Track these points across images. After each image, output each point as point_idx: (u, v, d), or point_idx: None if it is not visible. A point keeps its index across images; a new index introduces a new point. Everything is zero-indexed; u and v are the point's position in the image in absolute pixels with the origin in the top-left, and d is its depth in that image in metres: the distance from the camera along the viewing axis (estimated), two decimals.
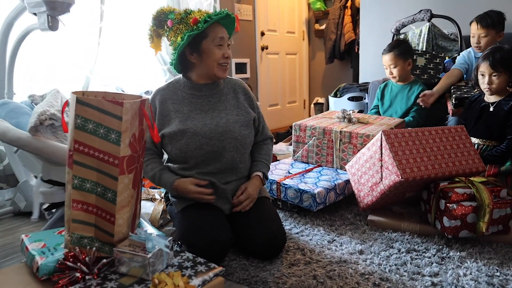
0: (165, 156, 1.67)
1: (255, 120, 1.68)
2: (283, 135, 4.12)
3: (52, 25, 1.72)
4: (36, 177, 1.96)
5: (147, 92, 2.96)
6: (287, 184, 1.92)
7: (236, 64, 4.09)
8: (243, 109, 1.63)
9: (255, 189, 1.60)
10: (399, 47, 2.50)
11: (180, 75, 1.65)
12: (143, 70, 3.22)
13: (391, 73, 2.53)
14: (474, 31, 2.47)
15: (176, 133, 1.54)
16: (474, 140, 2.02)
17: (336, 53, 4.50)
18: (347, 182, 2.00)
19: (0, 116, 1.82)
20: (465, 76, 2.58)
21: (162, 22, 1.58)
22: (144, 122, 1.30)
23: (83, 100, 1.18)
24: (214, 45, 1.53)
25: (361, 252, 1.57)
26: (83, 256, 1.17)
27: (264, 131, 1.73)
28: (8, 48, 2.05)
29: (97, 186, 1.21)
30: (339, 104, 3.26)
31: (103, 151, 1.19)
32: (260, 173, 1.64)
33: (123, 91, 2.77)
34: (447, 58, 2.79)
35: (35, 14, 1.76)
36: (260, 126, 1.72)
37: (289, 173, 2.10)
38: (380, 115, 2.65)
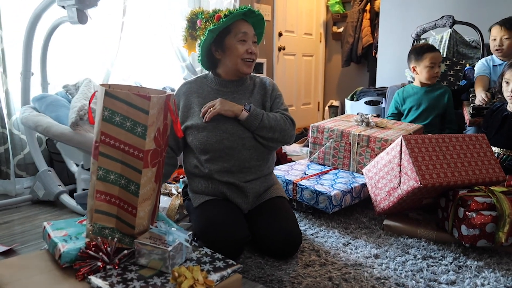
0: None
1: (275, 103, 1.65)
2: (297, 136, 4.12)
3: (81, 18, 1.75)
4: (77, 165, 2.04)
5: (164, 88, 2.99)
6: (303, 185, 1.93)
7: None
8: (268, 107, 1.64)
9: (227, 103, 1.54)
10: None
11: (210, 72, 1.68)
12: (162, 66, 3.25)
13: (438, 72, 2.47)
14: (496, 33, 2.46)
15: (198, 126, 1.56)
16: (495, 149, 2.00)
17: (353, 56, 4.49)
18: (364, 185, 1.99)
19: (40, 109, 1.90)
20: None
21: (194, 23, 1.61)
22: (168, 117, 1.32)
23: (112, 92, 1.19)
24: (236, 41, 1.55)
25: (376, 256, 1.56)
26: (105, 246, 1.19)
27: (283, 111, 1.65)
28: (35, 39, 2.09)
29: (121, 178, 1.23)
30: (356, 108, 3.25)
31: (129, 144, 1.21)
32: (247, 106, 1.56)
33: (141, 86, 2.80)
34: (467, 65, 2.77)
35: (63, 7, 1.78)
36: (279, 107, 1.66)
37: (305, 174, 2.10)
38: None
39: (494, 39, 2.47)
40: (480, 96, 2.33)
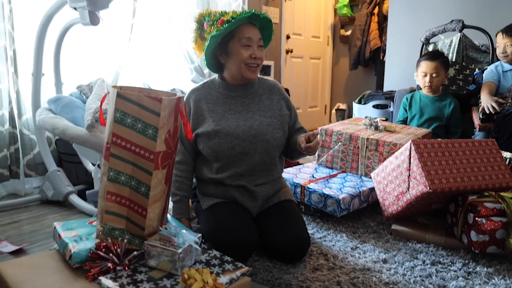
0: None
1: (291, 117, 1.70)
2: None
3: (93, 20, 1.76)
4: (93, 164, 2.07)
5: (173, 90, 3.00)
6: (311, 188, 1.92)
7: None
8: (276, 111, 1.64)
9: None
10: (443, 57, 2.49)
11: (216, 76, 1.67)
12: (170, 68, 3.26)
13: (430, 81, 2.47)
14: (500, 41, 2.47)
15: (209, 133, 1.55)
16: (506, 154, 1.99)
17: (361, 59, 4.48)
18: (372, 189, 1.99)
19: (56, 111, 1.95)
20: None
21: (202, 25, 1.61)
22: (178, 119, 1.32)
23: (123, 94, 1.20)
24: (240, 46, 1.53)
25: (385, 261, 1.56)
26: (115, 247, 1.20)
27: (299, 125, 1.74)
28: (47, 40, 2.11)
29: (132, 179, 1.24)
30: (364, 111, 3.25)
31: (140, 145, 1.21)
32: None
33: (149, 87, 2.82)
34: (477, 69, 2.75)
35: (75, 8, 1.80)
36: (297, 123, 1.73)
37: (313, 177, 2.10)
38: None
39: (498, 46, 2.47)
40: (490, 104, 2.28)
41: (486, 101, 2.31)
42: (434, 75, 2.46)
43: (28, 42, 2.34)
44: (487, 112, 2.28)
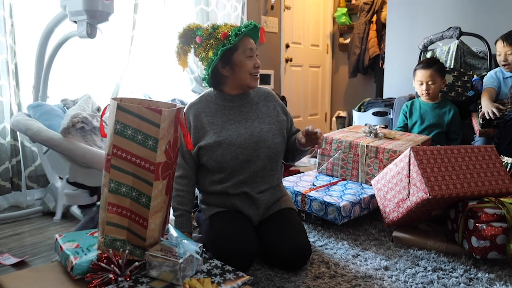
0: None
1: (288, 122, 1.72)
2: None
3: (91, 33, 1.79)
4: (61, 178, 2.03)
5: (173, 100, 3.02)
6: (312, 196, 1.93)
7: (260, 75, 4.11)
8: (274, 117, 1.66)
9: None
10: (438, 64, 2.50)
11: (211, 88, 1.69)
12: (170, 78, 3.29)
13: (427, 89, 2.49)
14: (500, 49, 2.47)
15: (212, 145, 1.56)
16: (508, 159, 1.99)
17: (360, 67, 4.50)
18: (372, 196, 1.99)
19: (34, 117, 1.91)
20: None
21: (189, 39, 1.61)
22: (178, 130, 1.33)
23: (124, 106, 1.22)
24: (245, 57, 1.57)
25: (386, 268, 1.56)
26: (116, 258, 1.20)
27: (295, 128, 1.76)
28: (48, 53, 2.14)
29: (132, 190, 1.25)
30: (363, 119, 3.26)
31: (140, 156, 1.22)
32: None
33: (150, 98, 2.84)
34: (475, 76, 2.77)
35: (75, 22, 1.83)
36: (293, 126, 1.75)
37: (314, 185, 2.11)
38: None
39: (499, 54, 2.48)
40: (490, 109, 2.28)
41: (487, 107, 2.32)
42: (430, 82, 2.48)
43: (29, 56, 2.36)
44: (487, 117, 2.28)
